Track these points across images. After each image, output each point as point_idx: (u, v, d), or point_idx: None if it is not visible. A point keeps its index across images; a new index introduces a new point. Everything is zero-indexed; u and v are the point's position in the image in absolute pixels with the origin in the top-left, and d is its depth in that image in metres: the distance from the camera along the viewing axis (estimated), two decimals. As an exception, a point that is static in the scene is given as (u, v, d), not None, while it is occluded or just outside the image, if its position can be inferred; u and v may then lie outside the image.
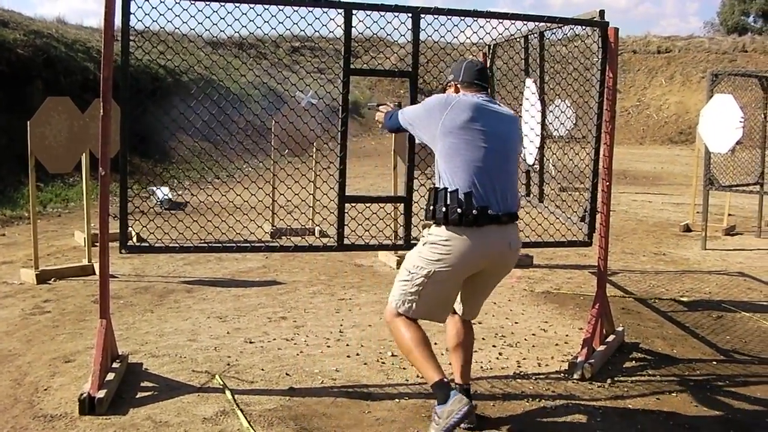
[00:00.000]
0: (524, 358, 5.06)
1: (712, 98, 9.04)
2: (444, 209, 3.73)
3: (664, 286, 7.20)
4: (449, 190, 3.76)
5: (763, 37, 34.66)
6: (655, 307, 6.42)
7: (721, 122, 8.80)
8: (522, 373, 4.77)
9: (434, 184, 3.92)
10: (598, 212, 4.94)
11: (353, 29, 4.50)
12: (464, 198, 3.71)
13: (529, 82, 6.29)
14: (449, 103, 3.86)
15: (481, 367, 4.82)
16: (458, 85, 4.07)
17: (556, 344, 5.38)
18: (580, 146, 5.52)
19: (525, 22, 5.31)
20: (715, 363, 5.13)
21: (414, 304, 3.83)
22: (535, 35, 6.02)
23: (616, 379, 4.71)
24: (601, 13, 4.85)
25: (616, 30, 4.80)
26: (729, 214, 11.00)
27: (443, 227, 3.75)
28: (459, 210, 3.70)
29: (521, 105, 6.32)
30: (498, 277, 4.07)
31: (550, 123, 5.98)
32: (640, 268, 7.98)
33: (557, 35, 5.62)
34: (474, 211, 3.70)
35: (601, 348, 5.01)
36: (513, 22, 5.09)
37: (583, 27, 5.07)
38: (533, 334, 5.60)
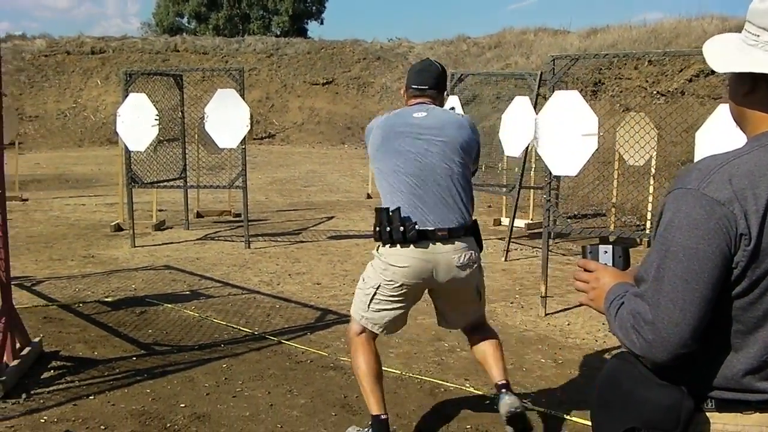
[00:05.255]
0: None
1: (128, 97, 9.22)
2: (377, 228, 3.74)
3: (90, 289, 7.16)
4: (382, 208, 3.75)
5: (193, 38, 36.58)
6: (79, 312, 6.35)
7: (138, 120, 9.02)
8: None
9: None
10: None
11: None
12: (393, 215, 3.69)
13: None
14: (371, 128, 3.94)
15: None
16: (406, 94, 4.05)
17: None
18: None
19: None
20: (135, 358, 5.24)
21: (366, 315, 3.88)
22: None
23: (33, 392, 4.55)
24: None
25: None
26: (160, 210, 11.43)
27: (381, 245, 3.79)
28: (388, 228, 3.68)
29: None
30: (461, 294, 3.93)
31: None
32: (68, 273, 7.83)
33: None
34: (401, 227, 3.66)
35: (15, 363, 4.79)
36: None
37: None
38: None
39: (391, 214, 3.69)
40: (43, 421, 4.18)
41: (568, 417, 4.38)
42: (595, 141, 6.16)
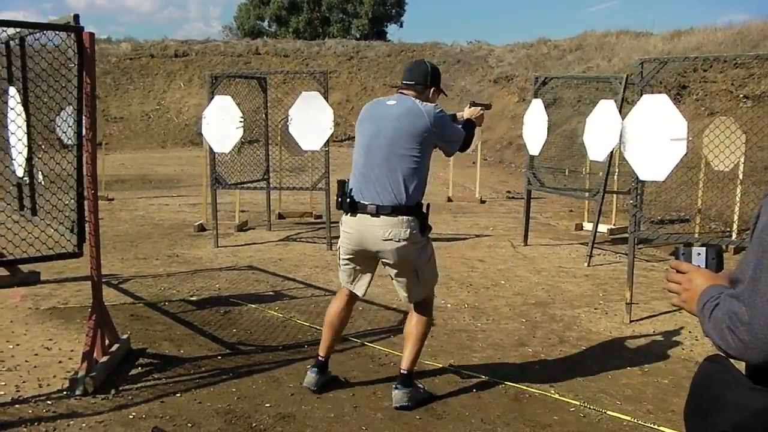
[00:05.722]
0: (24, 381, 4.74)
1: (213, 99, 9.35)
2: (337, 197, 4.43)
3: (175, 288, 7.29)
4: (339, 180, 4.48)
5: (274, 41, 37.07)
6: (164, 310, 6.47)
7: (223, 123, 9.14)
8: (21, 398, 4.46)
9: None
10: (86, 221, 4.79)
11: None
12: (344, 188, 4.38)
13: (12, 90, 5.90)
14: None
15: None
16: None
17: (60, 361, 5.13)
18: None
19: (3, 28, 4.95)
20: (220, 357, 5.32)
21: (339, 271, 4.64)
22: (16, 41, 5.66)
23: (121, 388, 4.64)
24: (76, 17, 4.70)
25: (92, 35, 4.68)
26: (243, 210, 11.60)
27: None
28: (339, 198, 4.37)
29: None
30: (394, 267, 4.37)
31: (64, 132, 5.66)
32: (153, 272, 7.99)
33: (41, 41, 5.33)
34: (345, 199, 4.33)
35: (105, 359, 4.90)
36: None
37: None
38: (35, 354, 5.27)
39: (340, 186, 4.41)
40: (131, 417, 4.26)
41: (655, 427, 4.27)
42: (684, 146, 6.01)
